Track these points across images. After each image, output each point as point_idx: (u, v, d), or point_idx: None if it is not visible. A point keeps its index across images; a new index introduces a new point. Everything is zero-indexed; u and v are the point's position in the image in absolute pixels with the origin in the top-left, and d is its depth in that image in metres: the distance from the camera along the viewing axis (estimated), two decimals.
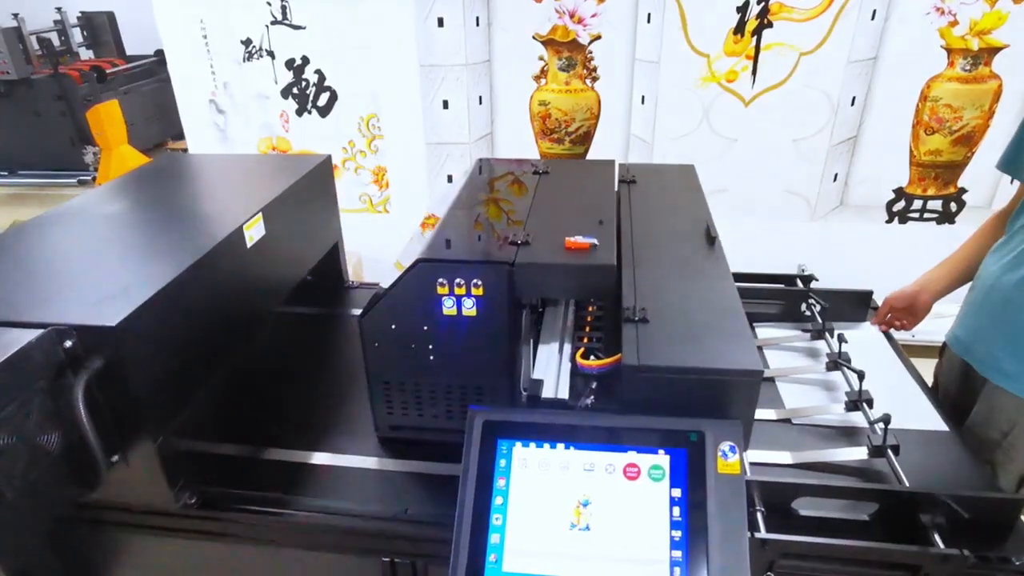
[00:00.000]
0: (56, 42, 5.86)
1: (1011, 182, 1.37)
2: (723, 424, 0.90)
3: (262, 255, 1.43)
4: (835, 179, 2.77)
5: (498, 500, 0.88)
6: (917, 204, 2.83)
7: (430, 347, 1.19)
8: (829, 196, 2.78)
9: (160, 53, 5.66)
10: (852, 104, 2.70)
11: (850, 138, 2.76)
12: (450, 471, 1.23)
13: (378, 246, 2.98)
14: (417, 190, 3.08)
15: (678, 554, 0.83)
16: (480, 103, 2.94)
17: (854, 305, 1.64)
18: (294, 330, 1.74)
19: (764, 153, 2.71)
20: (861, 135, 2.76)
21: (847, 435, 1.27)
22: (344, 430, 1.36)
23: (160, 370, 1.13)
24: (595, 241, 1.16)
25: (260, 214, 1.41)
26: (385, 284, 1.19)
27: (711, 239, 1.29)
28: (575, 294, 1.18)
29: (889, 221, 2.84)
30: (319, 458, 1.28)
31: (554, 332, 1.16)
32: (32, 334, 0.99)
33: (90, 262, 1.24)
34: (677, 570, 0.82)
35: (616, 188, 1.52)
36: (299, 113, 3.06)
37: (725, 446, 0.89)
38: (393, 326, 1.19)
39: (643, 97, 2.82)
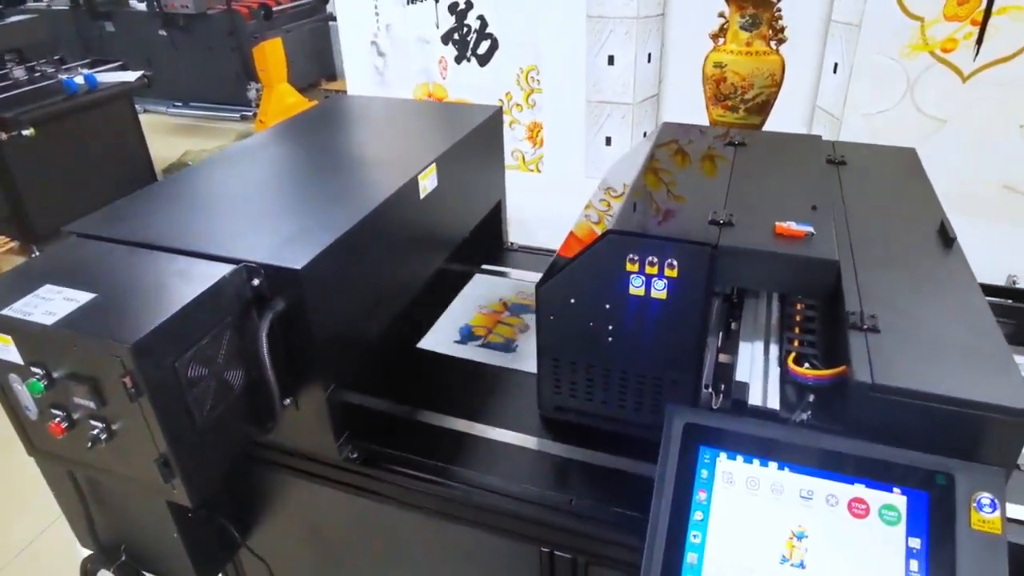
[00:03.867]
0: None
1: None
2: (979, 470, 0.75)
3: (433, 208, 1.39)
4: None
5: (697, 515, 0.78)
6: None
7: (610, 328, 1.10)
8: None
9: None
10: None
11: None
12: (617, 465, 1.15)
13: (527, 206, 2.90)
14: (572, 151, 2.96)
15: None
16: (649, 61, 2.75)
17: None
18: (453, 289, 1.71)
19: (980, 139, 2.35)
20: None
21: None
22: (504, 403, 1.31)
23: (336, 318, 1.11)
24: (811, 229, 1.01)
25: (434, 164, 1.36)
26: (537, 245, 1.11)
27: (948, 240, 1.10)
28: (785, 288, 1.04)
29: None
30: (479, 430, 1.24)
31: (758, 329, 1.03)
32: (225, 268, 1.00)
33: (273, 202, 1.25)
34: None
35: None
36: (458, 60, 3.01)
37: (983, 497, 0.74)
38: (572, 300, 1.10)
39: (836, 65, 2.52)
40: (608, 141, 2.96)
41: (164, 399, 0.90)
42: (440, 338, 1.50)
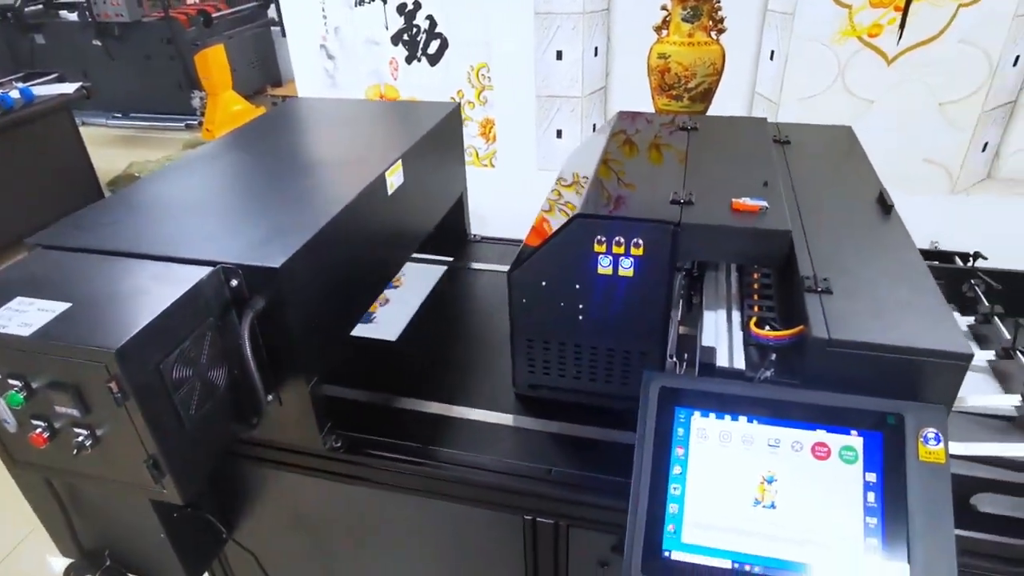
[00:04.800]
0: None
1: None
2: (925, 408, 0.83)
3: (400, 203, 1.42)
4: (984, 149, 2.53)
5: (676, 470, 0.84)
6: None
7: (580, 307, 1.15)
8: (975, 167, 2.55)
9: None
10: (1015, 64, 2.44)
11: (1008, 103, 2.51)
12: (591, 434, 1.20)
13: (483, 200, 2.95)
14: (524, 145, 3.02)
15: (874, 541, 0.77)
16: (595, 55, 2.83)
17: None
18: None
19: (904, 117, 2.50)
20: (1022, 100, 2.50)
21: None
22: (479, 385, 1.35)
23: (315, 314, 1.13)
24: (765, 203, 1.08)
25: (400, 161, 1.39)
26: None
27: (887, 207, 1.19)
28: (744, 259, 1.11)
29: None
30: (457, 411, 1.28)
31: (719, 298, 1.10)
32: (202, 271, 1.01)
33: (244, 205, 1.26)
34: (874, 557, 0.77)
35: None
36: (408, 61, 3.03)
37: (928, 432, 0.82)
38: (544, 283, 1.15)
39: (772, 52, 2.64)
40: (559, 134, 3.02)
41: (151, 402, 0.91)
42: None
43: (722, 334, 1.01)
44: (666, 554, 0.81)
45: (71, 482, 1.17)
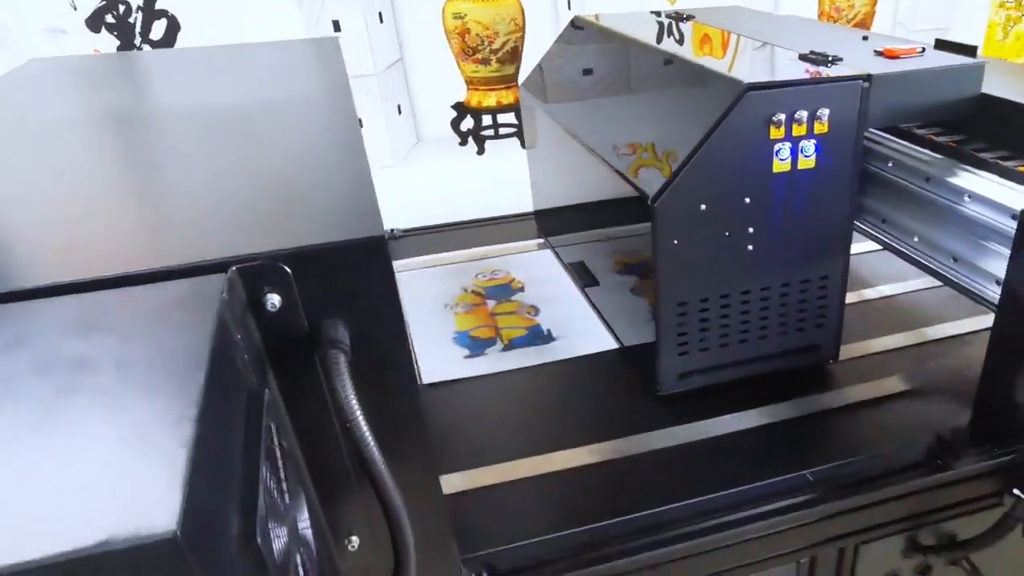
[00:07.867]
0: None
1: None
2: None
3: None
4: None
5: None
6: None
7: (751, 231, 0.82)
8: None
9: None
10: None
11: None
12: (810, 407, 0.88)
13: None
14: None
15: None
16: (381, 21, 2.39)
17: None
18: None
19: None
20: None
21: None
22: (591, 404, 0.93)
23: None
24: (918, 45, 0.86)
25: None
26: None
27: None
28: (933, 115, 0.85)
29: None
30: (600, 451, 0.83)
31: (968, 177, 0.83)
32: (209, 284, 0.43)
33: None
34: None
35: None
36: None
37: None
38: (703, 206, 0.78)
39: (569, 1, 2.51)
40: (359, 123, 2.52)
41: None
42: (437, 364, 1.01)
43: None
44: None
45: None
